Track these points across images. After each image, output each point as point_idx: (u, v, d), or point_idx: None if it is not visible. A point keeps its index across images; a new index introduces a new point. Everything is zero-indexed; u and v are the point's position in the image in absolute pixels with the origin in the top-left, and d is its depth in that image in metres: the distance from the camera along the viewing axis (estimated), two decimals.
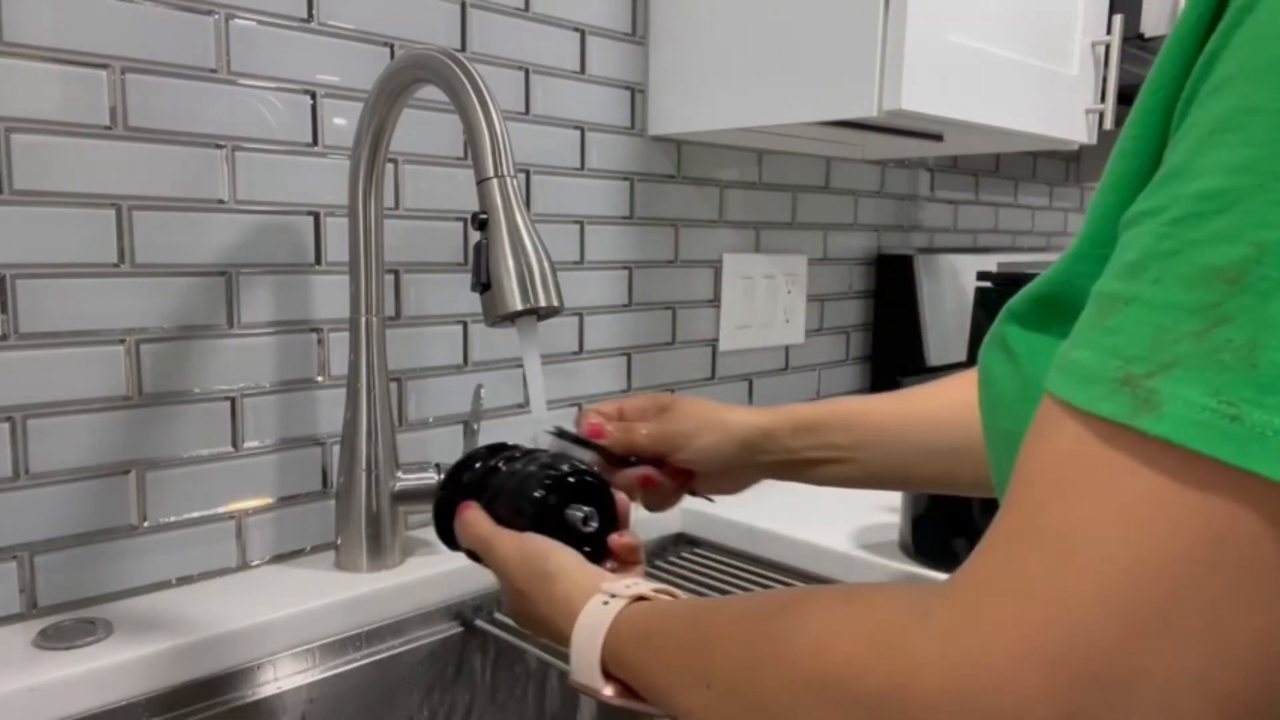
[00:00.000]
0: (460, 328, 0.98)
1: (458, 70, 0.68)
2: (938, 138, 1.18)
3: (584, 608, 0.50)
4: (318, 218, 0.87)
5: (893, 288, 1.48)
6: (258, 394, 0.85)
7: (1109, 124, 1.17)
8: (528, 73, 1.01)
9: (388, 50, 0.90)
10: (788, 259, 1.34)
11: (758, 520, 1.01)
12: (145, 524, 0.79)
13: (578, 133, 1.06)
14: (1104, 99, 1.17)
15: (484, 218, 0.65)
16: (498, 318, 0.64)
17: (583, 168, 1.07)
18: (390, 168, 0.91)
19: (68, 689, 0.66)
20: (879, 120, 0.97)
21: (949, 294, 1.49)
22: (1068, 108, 1.14)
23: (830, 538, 0.97)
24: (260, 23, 0.81)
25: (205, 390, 0.82)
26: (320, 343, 0.88)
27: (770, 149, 1.29)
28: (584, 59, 1.06)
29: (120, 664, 0.68)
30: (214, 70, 0.79)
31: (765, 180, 1.30)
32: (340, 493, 0.85)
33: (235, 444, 0.84)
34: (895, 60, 0.91)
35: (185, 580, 0.82)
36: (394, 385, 0.93)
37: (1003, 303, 0.40)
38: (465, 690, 0.87)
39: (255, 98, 0.82)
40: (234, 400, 0.83)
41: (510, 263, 0.63)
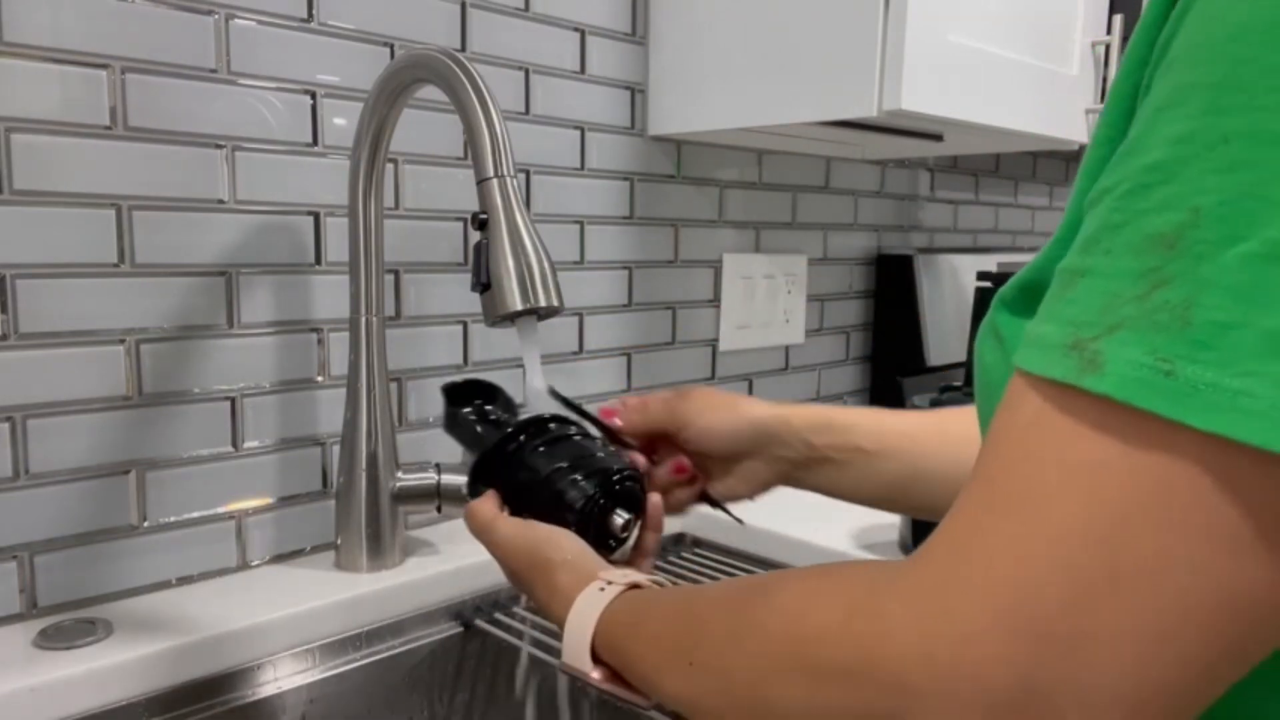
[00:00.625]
0: (460, 328, 0.98)
1: (458, 70, 0.68)
2: (938, 138, 1.18)
3: (580, 594, 0.50)
4: (318, 218, 0.87)
5: (893, 288, 1.48)
6: (258, 394, 0.85)
7: None
8: (528, 73, 1.01)
9: (388, 50, 0.90)
10: (788, 259, 1.34)
11: (758, 520, 1.01)
12: (145, 524, 0.79)
13: (578, 133, 1.06)
14: (1104, 99, 1.17)
15: (484, 218, 0.65)
16: (498, 318, 0.64)
17: (583, 168, 1.07)
18: (390, 168, 0.91)
19: (68, 689, 0.66)
20: (879, 120, 0.97)
21: (949, 294, 1.49)
22: (1068, 108, 1.14)
23: (830, 538, 0.97)
24: (260, 23, 0.81)
25: (205, 390, 0.82)
26: (320, 343, 0.88)
27: (770, 149, 1.29)
28: (584, 59, 1.06)
29: (120, 664, 0.68)
30: (214, 70, 0.79)
31: (765, 180, 1.30)
32: (340, 493, 0.85)
33: (235, 444, 0.84)
34: (895, 60, 0.91)
35: (185, 580, 0.82)
36: (394, 385, 0.93)
37: None
38: (465, 690, 0.87)
39: (255, 98, 0.82)
40: (234, 400, 0.83)
41: (510, 263, 0.63)
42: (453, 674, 0.86)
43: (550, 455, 0.59)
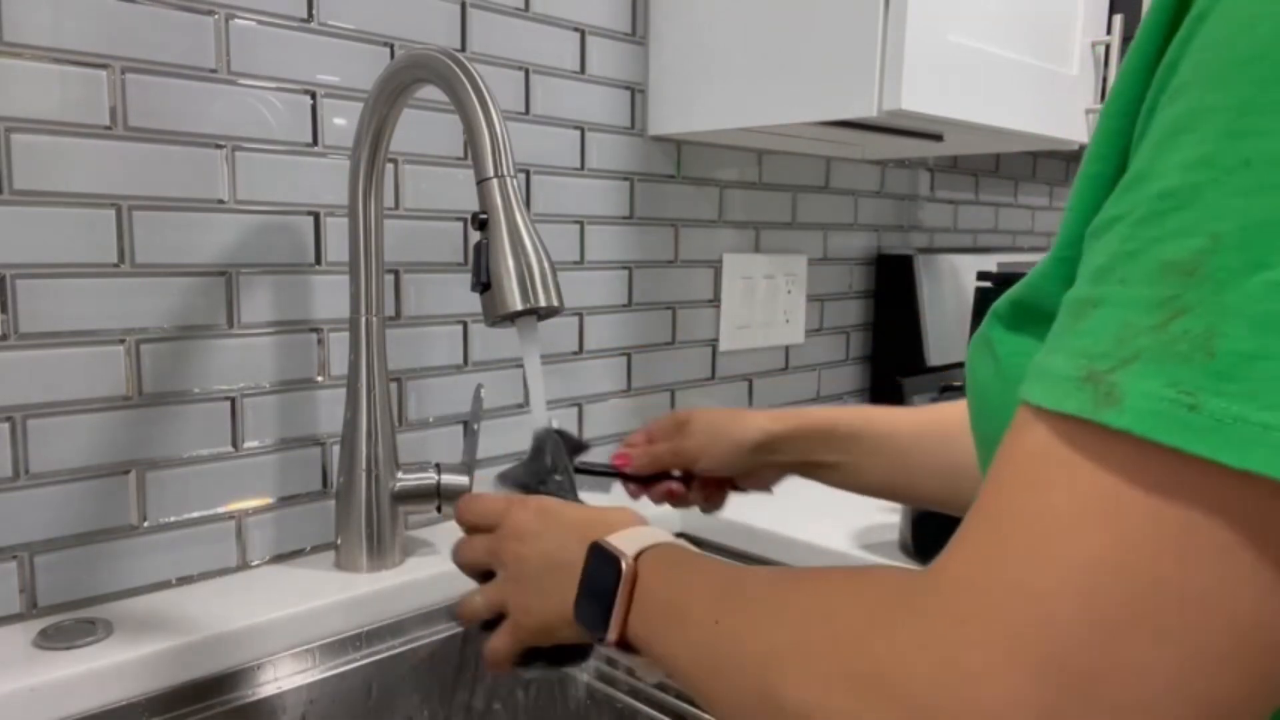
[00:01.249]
0: (460, 328, 0.98)
1: (458, 70, 0.68)
2: (938, 138, 1.18)
3: (629, 526, 0.52)
4: (318, 218, 0.87)
5: (893, 288, 1.48)
6: (258, 394, 0.85)
7: None
8: (528, 73, 1.01)
9: (388, 50, 0.89)
10: (788, 259, 1.34)
11: (758, 520, 1.01)
12: (145, 524, 0.79)
13: (578, 133, 1.06)
14: (1104, 99, 1.17)
15: (484, 218, 0.65)
16: (498, 318, 0.64)
17: (583, 168, 1.07)
18: (390, 168, 0.91)
19: (68, 689, 0.66)
20: (879, 120, 0.97)
21: (949, 294, 1.49)
22: (1068, 108, 1.14)
23: (830, 538, 0.97)
24: (260, 23, 0.81)
25: (205, 390, 0.82)
26: (320, 343, 0.88)
27: (770, 149, 1.29)
28: (584, 59, 1.06)
29: (120, 664, 0.68)
30: (214, 70, 0.79)
31: (765, 180, 1.30)
32: (340, 493, 0.85)
33: (235, 444, 0.84)
34: (895, 60, 0.91)
35: (185, 580, 0.82)
36: (394, 385, 0.93)
37: None
38: (465, 690, 0.87)
39: (255, 98, 0.82)
40: (234, 400, 0.83)
41: (510, 263, 0.63)
42: (453, 674, 0.86)
43: None
